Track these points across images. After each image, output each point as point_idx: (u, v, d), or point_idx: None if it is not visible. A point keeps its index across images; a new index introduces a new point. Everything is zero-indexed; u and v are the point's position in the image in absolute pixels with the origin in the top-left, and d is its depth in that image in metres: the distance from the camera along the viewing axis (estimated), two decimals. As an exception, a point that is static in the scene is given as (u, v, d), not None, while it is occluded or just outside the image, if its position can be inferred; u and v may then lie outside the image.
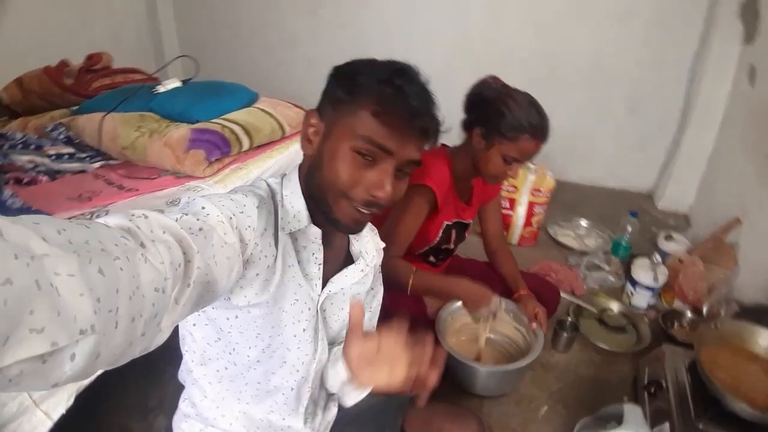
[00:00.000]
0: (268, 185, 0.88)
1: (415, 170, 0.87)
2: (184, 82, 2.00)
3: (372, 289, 1.08)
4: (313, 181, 0.84)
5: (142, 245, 0.51)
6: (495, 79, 1.44)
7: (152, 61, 3.48)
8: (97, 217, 0.97)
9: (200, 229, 0.63)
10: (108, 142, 1.76)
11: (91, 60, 2.19)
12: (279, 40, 3.50)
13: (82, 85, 2.09)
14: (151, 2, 3.48)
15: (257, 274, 0.80)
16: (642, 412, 1.20)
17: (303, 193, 0.86)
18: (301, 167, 0.89)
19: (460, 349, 1.59)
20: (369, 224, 1.03)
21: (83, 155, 1.79)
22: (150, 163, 1.75)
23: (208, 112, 1.85)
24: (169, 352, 1.51)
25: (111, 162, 1.78)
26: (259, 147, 1.94)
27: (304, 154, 0.88)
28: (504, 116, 1.36)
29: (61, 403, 1.14)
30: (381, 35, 3.20)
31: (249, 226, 0.74)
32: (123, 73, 2.25)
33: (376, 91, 0.77)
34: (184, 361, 1.00)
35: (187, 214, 0.65)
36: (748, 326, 1.57)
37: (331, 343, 1.01)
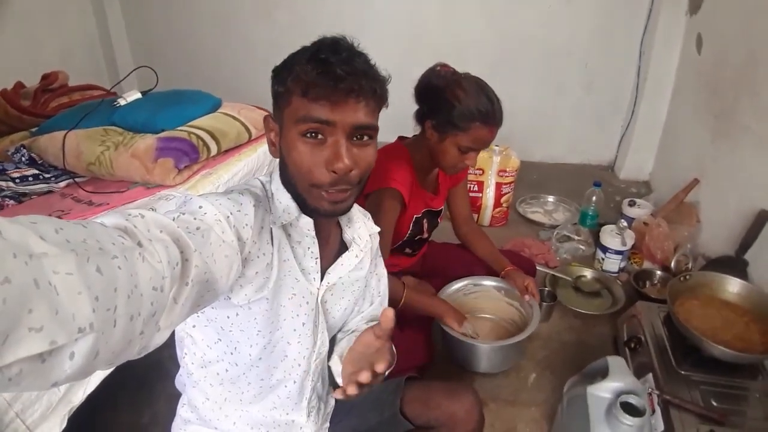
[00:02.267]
0: (262, 183, 0.89)
1: (377, 174, 0.86)
2: (144, 93, 1.99)
3: (375, 274, 1.10)
4: (286, 178, 0.86)
5: (140, 244, 0.51)
6: (444, 66, 1.41)
7: (106, 76, 3.42)
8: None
9: (197, 228, 0.63)
10: (72, 159, 1.74)
11: (47, 79, 2.16)
12: (236, 46, 3.48)
13: (40, 106, 2.05)
14: (102, 17, 3.42)
15: (256, 272, 0.81)
16: (624, 362, 1.26)
17: (287, 189, 0.87)
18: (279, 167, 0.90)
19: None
20: (361, 210, 1.05)
21: (48, 175, 1.76)
22: (118, 176, 1.73)
23: (172, 121, 1.85)
24: (158, 368, 1.53)
25: (77, 179, 1.76)
26: (227, 151, 1.94)
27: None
28: (454, 107, 1.34)
29: (54, 427, 1.13)
30: (337, 33, 3.21)
31: (246, 225, 0.75)
32: (80, 90, 2.22)
33: (300, 72, 0.77)
34: (183, 364, 0.99)
35: (184, 214, 0.65)
36: (716, 276, 1.66)
37: (332, 332, 1.02)
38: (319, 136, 0.78)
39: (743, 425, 1.29)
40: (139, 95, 1.96)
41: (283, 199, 0.86)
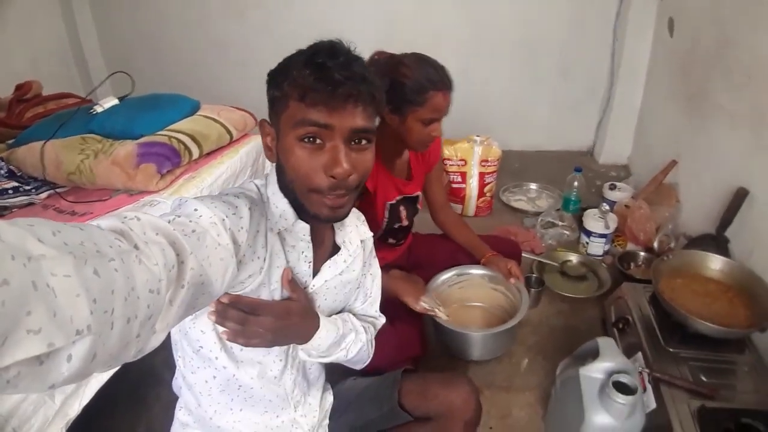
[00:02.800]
0: (257, 187, 0.89)
1: None
2: (121, 99, 1.96)
3: (370, 274, 1.11)
4: (283, 183, 0.85)
5: (136, 247, 0.51)
6: (380, 53, 1.43)
7: (79, 83, 3.36)
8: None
9: (193, 231, 0.63)
10: (52, 170, 1.71)
11: (20, 90, 2.12)
12: (209, 47, 3.44)
13: (15, 117, 2.02)
14: (71, 24, 3.35)
15: (250, 276, 0.82)
16: (614, 342, 1.28)
17: (285, 194, 0.87)
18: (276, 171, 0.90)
19: (452, 319, 1.64)
20: (355, 212, 1.05)
21: (28, 187, 1.73)
22: (99, 185, 1.71)
23: (151, 126, 1.83)
24: (152, 375, 1.52)
25: (58, 190, 1.73)
26: (208, 154, 1.93)
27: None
28: (404, 85, 1.34)
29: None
30: (310, 32, 3.18)
31: (242, 228, 0.75)
32: (55, 99, 2.19)
33: (297, 77, 0.77)
34: (177, 367, 1.00)
35: (179, 216, 0.65)
36: (699, 254, 1.70)
37: None
38: (317, 141, 0.78)
39: (733, 398, 1.32)
40: (116, 101, 1.93)
41: (280, 204, 0.86)
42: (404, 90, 1.35)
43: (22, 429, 1.06)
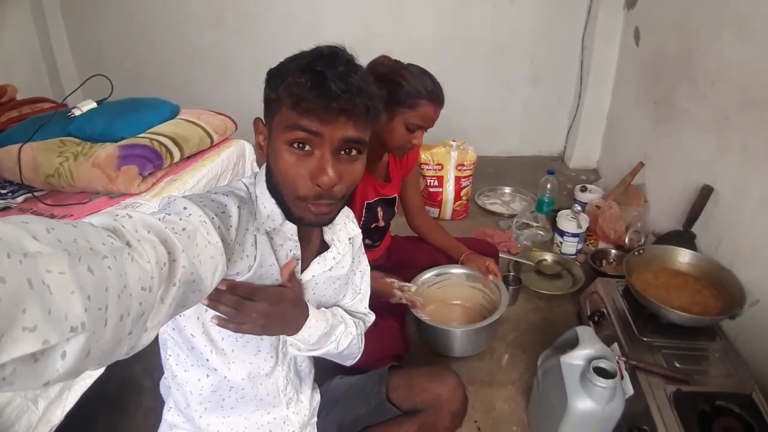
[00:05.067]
0: (245, 186, 0.89)
1: None
2: (99, 102, 1.95)
3: (359, 271, 1.12)
4: (271, 184, 0.85)
5: (129, 244, 0.51)
6: (386, 57, 1.47)
7: (49, 88, 3.29)
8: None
9: (183, 229, 0.63)
10: (29, 173, 1.69)
11: (-5, 94, 2.08)
12: (187, 53, 3.43)
13: (-11, 121, 1.98)
14: (43, 29, 3.29)
15: (237, 273, 0.82)
16: (593, 330, 1.33)
17: (272, 194, 0.87)
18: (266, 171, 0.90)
19: (434, 317, 1.67)
20: (345, 210, 1.05)
21: (4, 191, 1.71)
22: (79, 187, 1.70)
23: (132, 128, 1.82)
24: (131, 384, 1.50)
25: (36, 194, 1.71)
26: (189, 157, 1.93)
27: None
28: (401, 86, 1.40)
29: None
30: (287, 38, 3.22)
31: (231, 226, 0.76)
32: (30, 103, 2.15)
33: (295, 81, 0.75)
34: (167, 367, 0.99)
35: (169, 214, 0.65)
36: (668, 248, 1.78)
37: None
38: (306, 147, 0.77)
39: (707, 383, 1.38)
40: (94, 104, 1.92)
41: (268, 204, 0.86)
42: (400, 91, 1.40)
43: None
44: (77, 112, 1.88)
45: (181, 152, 1.84)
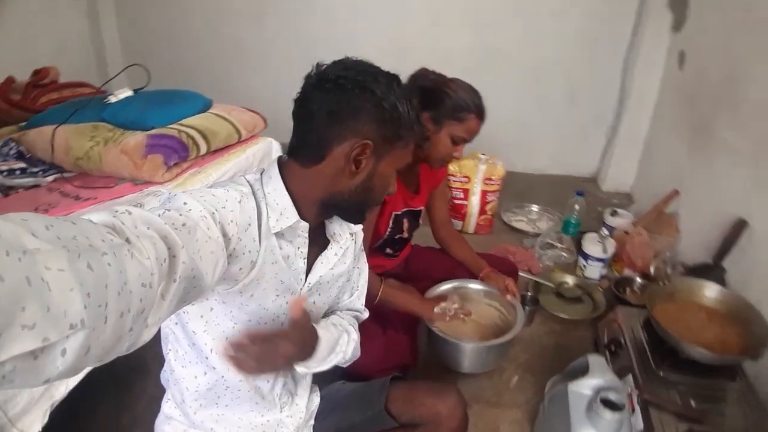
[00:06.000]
0: (248, 182, 0.88)
1: None
2: (136, 91, 2.00)
3: (357, 268, 1.12)
4: (334, 193, 0.89)
5: (128, 241, 0.51)
6: (428, 70, 1.50)
7: (96, 74, 3.41)
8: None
9: (183, 225, 0.63)
10: (61, 154, 1.74)
11: (38, 75, 2.16)
12: (227, 48, 3.51)
13: (30, 101, 2.06)
14: (94, 16, 3.42)
15: (240, 269, 0.82)
16: (604, 360, 1.29)
17: (287, 189, 0.87)
18: (280, 164, 0.90)
19: (447, 330, 1.64)
20: None
21: (36, 170, 1.76)
22: (106, 172, 1.74)
23: (163, 119, 1.85)
24: (139, 369, 1.52)
25: (65, 174, 1.76)
26: (216, 151, 1.96)
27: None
28: (451, 98, 1.42)
29: (36, 421, 1.13)
30: (326, 40, 3.25)
31: (231, 221, 0.75)
32: (70, 87, 2.23)
33: (408, 125, 0.88)
34: (167, 360, 1.00)
35: (169, 210, 0.65)
36: (694, 281, 1.70)
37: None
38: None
39: (722, 425, 1.32)
40: (130, 93, 1.97)
41: (282, 201, 0.86)
42: (448, 103, 1.42)
43: (7, 406, 1.06)
44: (113, 99, 1.93)
45: (208, 145, 1.86)
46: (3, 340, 0.34)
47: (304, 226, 0.89)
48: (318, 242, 0.99)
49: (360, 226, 1.08)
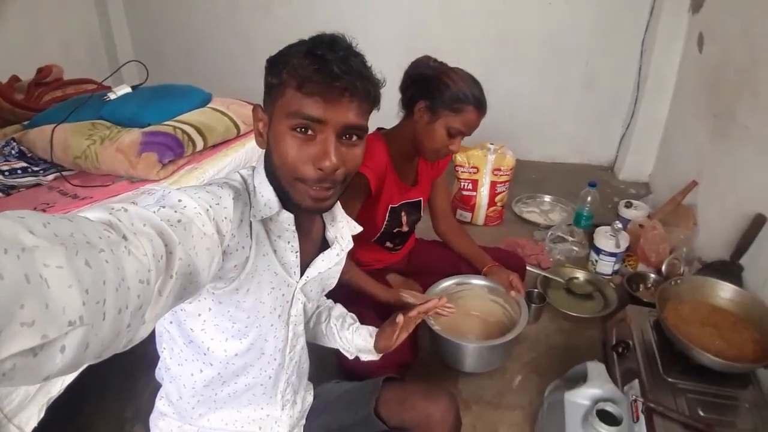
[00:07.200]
0: (242, 177, 0.89)
1: None
2: (134, 87, 1.98)
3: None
4: (270, 170, 0.85)
5: (125, 238, 0.51)
6: (430, 58, 1.46)
7: (107, 70, 3.42)
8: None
9: (179, 221, 0.63)
10: (60, 153, 1.74)
11: (41, 73, 2.16)
12: (235, 41, 3.49)
13: (33, 99, 2.06)
14: (103, 11, 3.43)
15: (235, 266, 0.81)
16: (604, 368, 1.23)
17: (270, 182, 0.87)
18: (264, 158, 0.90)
19: (449, 327, 1.60)
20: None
21: (36, 169, 1.76)
22: (103, 170, 1.73)
23: (159, 115, 1.84)
24: (143, 361, 1.52)
25: (65, 173, 1.76)
26: (213, 146, 1.93)
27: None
28: (449, 88, 1.37)
29: (32, 416, 1.13)
30: (337, 30, 3.21)
31: (225, 218, 0.75)
32: (74, 84, 2.23)
33: (297, 66, 0.77)
34: (161, 358, 1.01)
35: (164, 207, 0.65)
36: (708, 281, 1.61)
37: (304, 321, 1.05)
38: (309, 132, 0.79)
39: (731, 437, 1.25)
40: (128, 89, 1.96)
41: (266, 193, 0.86)
42: (446, 93, 1.38)
43: (3, 402, 1.06)
44: (112, 96, 1.92)
45: (204, 141, 1.84)
46: (2, 338, 0.34)
47: (288, 217, 0.87)
48: (316, 242, 1.00)
49: (360, 228, 1.09)
